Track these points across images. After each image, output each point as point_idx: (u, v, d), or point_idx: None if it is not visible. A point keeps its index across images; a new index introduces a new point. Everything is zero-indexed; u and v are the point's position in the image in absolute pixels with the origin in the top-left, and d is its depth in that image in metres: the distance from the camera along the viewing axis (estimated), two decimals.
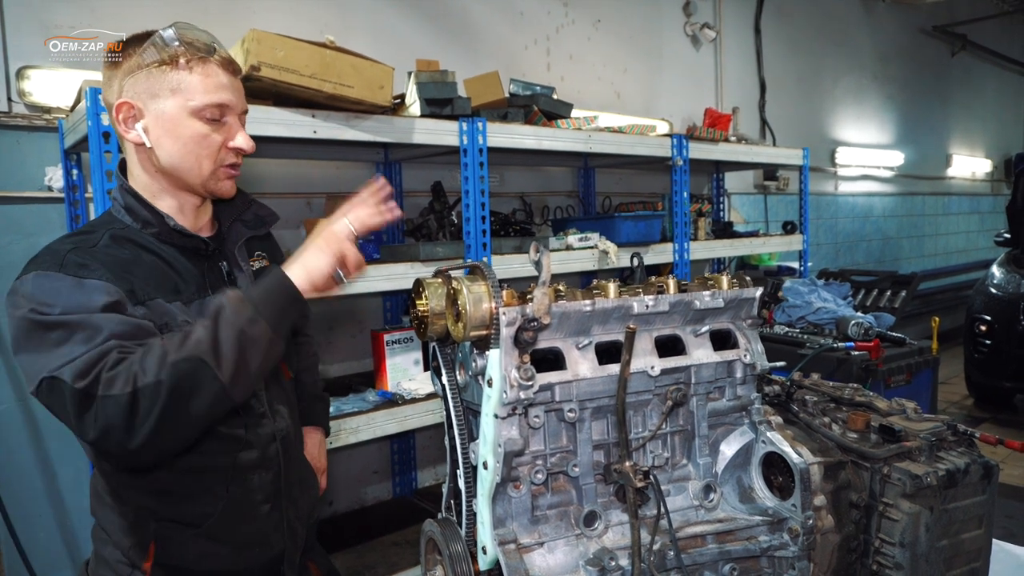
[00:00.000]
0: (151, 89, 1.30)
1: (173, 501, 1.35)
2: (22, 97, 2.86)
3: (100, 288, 1.19)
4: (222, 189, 1.41)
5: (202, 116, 1.32)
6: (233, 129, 1.38)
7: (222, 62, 1.35)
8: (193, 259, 1.39)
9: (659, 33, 5.55)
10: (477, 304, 1.06)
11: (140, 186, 1.37)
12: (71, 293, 1.17)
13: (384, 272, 2.99)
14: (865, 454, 1.30)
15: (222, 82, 1.34)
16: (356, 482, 4.02)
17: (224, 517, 1.38)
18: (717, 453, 1.31)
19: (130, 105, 1.31)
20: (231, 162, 1.40)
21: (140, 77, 1.30)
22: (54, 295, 1.16)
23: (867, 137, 7.98)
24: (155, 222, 1.35)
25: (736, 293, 1.27)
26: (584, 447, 1.18)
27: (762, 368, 1.31)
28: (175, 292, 1.32)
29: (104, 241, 1.30)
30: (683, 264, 4.25)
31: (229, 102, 1.35)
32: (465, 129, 3.15)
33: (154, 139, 1.32)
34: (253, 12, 3.46)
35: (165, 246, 1.35)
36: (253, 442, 1.41)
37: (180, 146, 1.32)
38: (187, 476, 1.36)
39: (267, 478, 1.44)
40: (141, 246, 1.33)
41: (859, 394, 1.55)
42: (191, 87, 1.31)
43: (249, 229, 1.51)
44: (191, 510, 1.36)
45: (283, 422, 1.50)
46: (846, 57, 7.59)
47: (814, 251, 6.74)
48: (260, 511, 1.43)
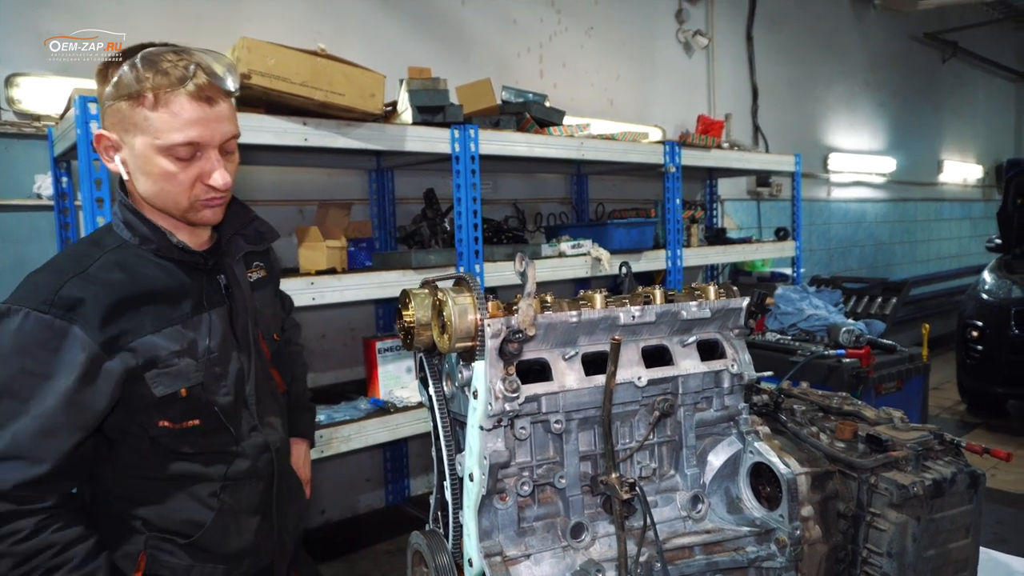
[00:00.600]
0: (123, 123, 1.27)
1: (163, 511, 1.35)
2: (11, 105, 2.85)
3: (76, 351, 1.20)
4: (203, 219, 1.37)
5: (170, 154, 1.27)
6: (208, 165, 1.31)
7: (196, 93, 1.25)
8: (191, 274, 1.38)
9: (652, 40, 5.58)
10: (462, 315, 1.06)
11: (138, 203, 1.37)
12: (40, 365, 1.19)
13: (376, 280, 2.99)
14: (852, 464, 1.30)
15: (192, 117, 1.25)
16: (348, 490, 4.00)
17: (214, 528, 1.38)
18: (705, 464, 1.31)
19: (106, 136, 1.29)
20: (208, 196, 1.34)
21: (112, 109, 1.26)
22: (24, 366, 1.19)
23: (859, 143, 8.02)
24: (154, 238, 1.34)
25: (723, 303, 1.27)
26: (571, 458, 1.18)
27: (750, 378, 1.31)
28: (170, 313, 1.32)
29: (102, 263, 1.29)
30: (676, 271, 4.26)
31: (200, 139, 1.27)
32: (457, 137, 3.16)
33: (131, 172, 1.31)
34: (247, 20, 3.46)
35: (163, 261, 1.35)
36: (244, 454, 1.41)
37: (151, 182, 1.29)
38: (178, 486, 1.36)
39: (258, 489, 1.45)
40: (139, 265, 1.32)
41: (847, 403, 1.55)
42: (157, 125, 1.24)
43: (248, 244, 1.50)
44: (182, 520, 1.36)
45: (275, 434, 1.50)
46: (838, 64, 7.64)
47: (807, 257, 6.77)
48: (251, 522, 1.44)
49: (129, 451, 1.34)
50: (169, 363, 1.29)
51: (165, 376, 1.29)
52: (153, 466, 1.34)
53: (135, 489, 1.35)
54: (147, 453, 1.34)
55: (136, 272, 1.31)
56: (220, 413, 1.37)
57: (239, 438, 1.41)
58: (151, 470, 1.34)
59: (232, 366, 1.40)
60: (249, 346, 1.44)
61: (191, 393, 1.33)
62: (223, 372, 1.38)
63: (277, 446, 1.49)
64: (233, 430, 1.40)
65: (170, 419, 1.32)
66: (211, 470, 1.37)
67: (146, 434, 1.32)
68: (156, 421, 1.31)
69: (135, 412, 1.30)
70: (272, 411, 1.51)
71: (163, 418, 1.31)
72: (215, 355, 1.37)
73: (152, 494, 1.35)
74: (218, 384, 1.37)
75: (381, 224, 3.93)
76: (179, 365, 1.31)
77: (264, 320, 1.53)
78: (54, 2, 2.92)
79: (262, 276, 1.57)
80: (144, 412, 1.30)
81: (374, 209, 3.93)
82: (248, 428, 1.43)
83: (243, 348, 1.43)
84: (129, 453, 1.34)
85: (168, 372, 1.29)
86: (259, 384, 1.47)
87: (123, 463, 1.34)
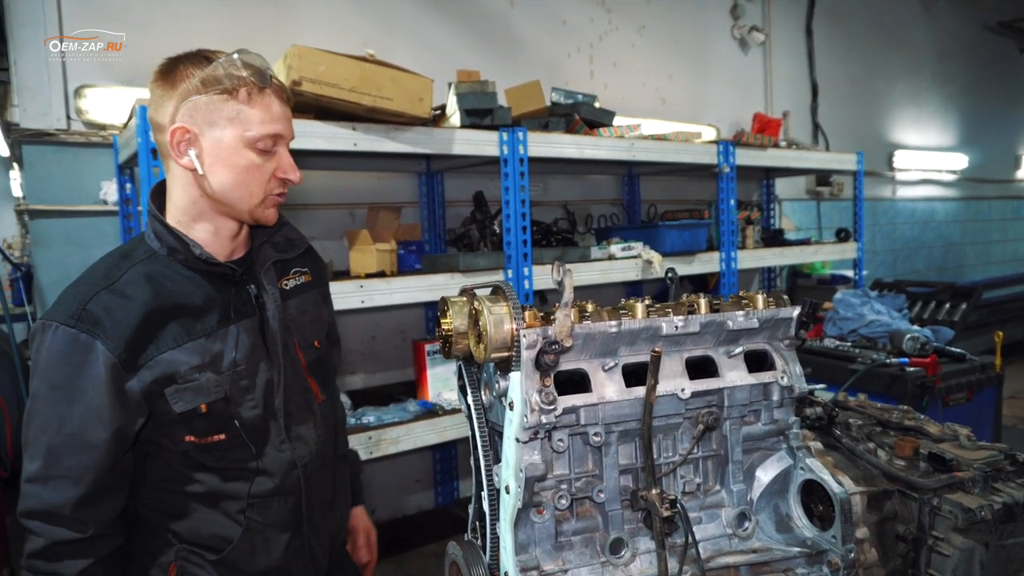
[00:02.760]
0: (209, 117, 1.29)
1: (193, 525, 1.36)
2: (79, 115, 2.98)
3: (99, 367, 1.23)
4: (267, 216, 1.41)
5: (256, 147, 1.32)
6: (283, 159, 1.37)
7: (278, 91, 1.35)
8: (219, 285, 1.38)
9: (705, 37, 5.45)
10: (498, 325, 1.04)
11: (179, 209, 1.37)
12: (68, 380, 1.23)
13: (424, 283, 3.00)
14: (913, 484, 1.23)
15: (276, 113, 1.34)
16: (398, 490, 4.04)
17: (242, 545, 1.38)
18: (752, 479, 1.25)
19: (185, 130, 1.29)
20: (279, 191, 1.40)
21: (199, 103, 1.28)
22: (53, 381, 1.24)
23: (927, 140, 7.67)
24: (181, 249, 1.34)
25: (772, 313, 1.22)
26: (610, 472, 1.15)
27: (800, 391, 1.25)
28: (194, 327, 1.32)
29: (130, 276, 1.30)
30: (730, 273, 4.15)
31: (283, 133, 1.36)
32: (505, 139, 3.15)
33: (207, 166, 1.31)
34: (301, 28, 3.54)
35: (191, 272, 1.35)
36: (269, 470, 1.39)
37: (233, 175, 1.32)
38: (206, 502, 1.36)
39: (287, 506, 1.43)
40: (166, 277, 1.33)
41: (908, 418, 1.47)
42: (249, 118, 1.30)
43: (277, 252, 1.49)
44: (210, 535, 1.37)
45: (304, 448, 1.46)
46: (903, 57, 7.32)
47: (870, 258, 6.51)
48: (279, 540, 1.42)
49: (161, 464, 1.35)
50: (189, 378, 1.30)
51: (185, 392, 1.29)
52: (183, 480, 1.35)
53: (166, 502, 1.36)
54: (177, 467, 1.34)
55: (162, 285, 1.31)
56: (241, 428, 1.36)
57: (260, 454, 1.38)
58: (181, 484, 1.35)
59: (260, 378, 1.39)
60: (279, 357, 1.42)
61: (212, 408, 1.32)
62: (250, 384, 1.37)
63: (305, 461, 1.45)
64: (253, 446, 1.37)
65: (195, 434, 1.32)
66: (236, 486, 1.37)
67: (175, 448, 1.33)
68: (182, 436, 1.31)
69: (163, 427, 1.31)
70: (304, 422, 1.48)
71: (189, 433, 1.32)
72: (242, 367, 1.36)
73: (182, 508, 1.36)
74: (244, 397, 1.36)
75: (431, 227, 3.96)
76: (199, 380, 1.30)
77: (302, 328, 1.50)
78: (117, 15, 3.04)
79: (304, 281, 1.55)
80: (170, 427, 1.31)
81: (424, 212, 3.96)
82: (278, 442, 1.41)
83: (273, 359, 1.42)
84: (161, 466, 1.35)
85: (188, 388, 1.29)
86: (291, 395, 1.45)
87: (155, 476, 1.36)
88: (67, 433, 1.23)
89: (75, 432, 1.23)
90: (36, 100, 2.92)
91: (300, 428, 1.46)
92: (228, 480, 1.36)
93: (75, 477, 1.24)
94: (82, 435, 1.24)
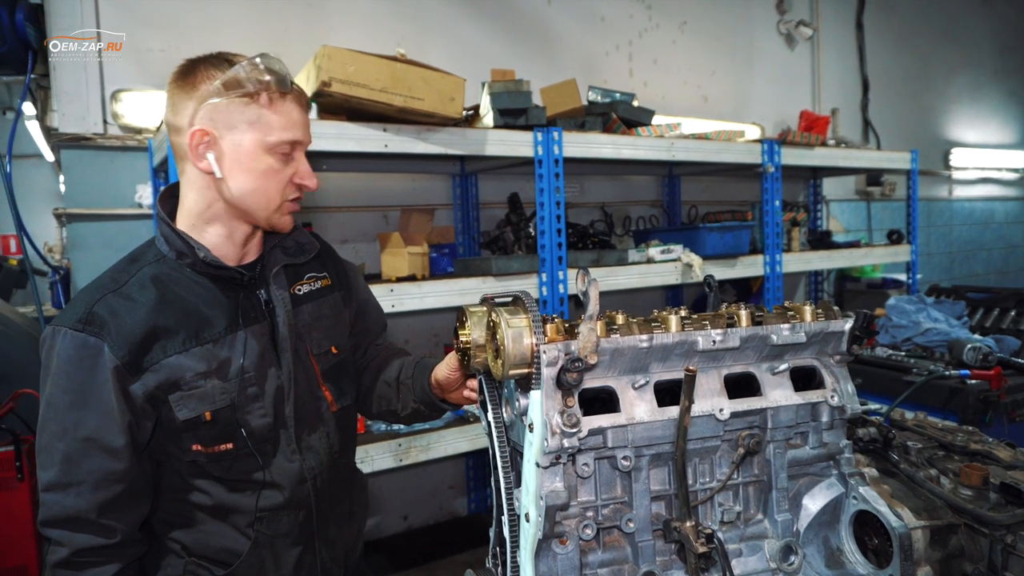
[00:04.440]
0: (229, 120, 1.27)
1: (201, 537, 1.33)
2: (115, 119, 3.00)
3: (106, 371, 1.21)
4: (283, 223, 1.39)
5: (275, 152, 1.30)
6: (301, 165, 1.36)
7: (298, 97, 1.34)
8: (228, 290, 1.35)
9: (750, 33, 5.28)
10: (517, 340, 0.96)
11: (192, 213, 1.33)
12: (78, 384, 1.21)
13: (456, 287, 2.94)
14: (982, 518, 1.10)
15: (296, 119, 1.32)
16: (431, 497, 3.99)
17: (251, 559, 1.34)
18: (799, 508, 1.14)
19: (205, 132, 1.27)
20: (294, 196, 1.38)
21: (219, 106, 1.26)
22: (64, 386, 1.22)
23: (986, 137, 7.30)
24: (188, 253, 1.31)
25: (821, 326, 1.11)
26: (641, 499, 1.05)
27: (852, 412, 1.13)
28: (201, 332, 1.29)
29: (137, 279, 1.28)
30: (774, 277, 3.99)
31: (302, 139, 1.34)
32: (540, 139, 3.07)
33: (226, 170, 1.29)
34: (334, 28, 3.51)
35: (200, 276, 1.32)
36: (278, 482, 1.35)
37: (251, 180, 1.30)
38: (214, 513, 1.33)
39: (297, 520, 1.39)
40: (173, 281, 1.30)
41: (974, 440, 1.33)
42: (270, 123, 1.29)
43: (287, 256, 1.45)
44: (219, 548, 1.34)
45: (315, 459, 1.42)
46: (960, 51, 6.98)
47: (924, 261, 6.22)
48: (290, 554, 1.38)
49: (170, 473, 1.32)
50: (194, 385, 1.27)
51: (189, 399, 1.27)
52: (191, 490, 1.32)
53: (175, 513, 1.33)
54: (185, 476, 1.31)
55: (169, 289, 1.29)
56: (248, 438, 1.32)
57: (268, 465, 1.35)
58: (189, 494, 1.32)
59: (270, 385, 1.35)
60: (289, 363, 1.38)
61: (218, 416, 1.29)
62: (259, 392, 1.34)
63: (316, 472, 1.41)
64: (261, 457, 1.34)
65: (202, 443, 1.29)
66: (244, 498, 1.34)
67: (183, 457, 1.30)
68: (190, 444, 1.28)
69: (170, 434, 1.28)
70: (315, 431, 1.43)
71: (196, 441, 1.29)
72: (250, 374, 1.32)
73: (190, 519, 1.33)
74: (252, 405, 1.33)
75: (465, 229, 3.90)
76: (204, 387, 1.28)
77: (315, 334, 1.46)
78: (152, 20, 3.06)
79: (321, 286, 1.50)
80: (177, 435, 1.28)
81: (457, 214, 3.90)
82: (288, 452, 1.37)
83: (283, 366, 1.38)
84: (170, 475, 1.32)
85: (192, 394, 1.27)
86: (301, 403, 1.40)
87: (165, 485, 1.33)
88: (83, 438, 1.21)
89: (91, 436, 1.21)
90: (74, 105, 2.95)
91: (311, 438, 1.42)
92: (236, 491, 1.33)
93: (95, 482, 1.22)
94: (99, 439, 1.22)
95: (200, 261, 1.31)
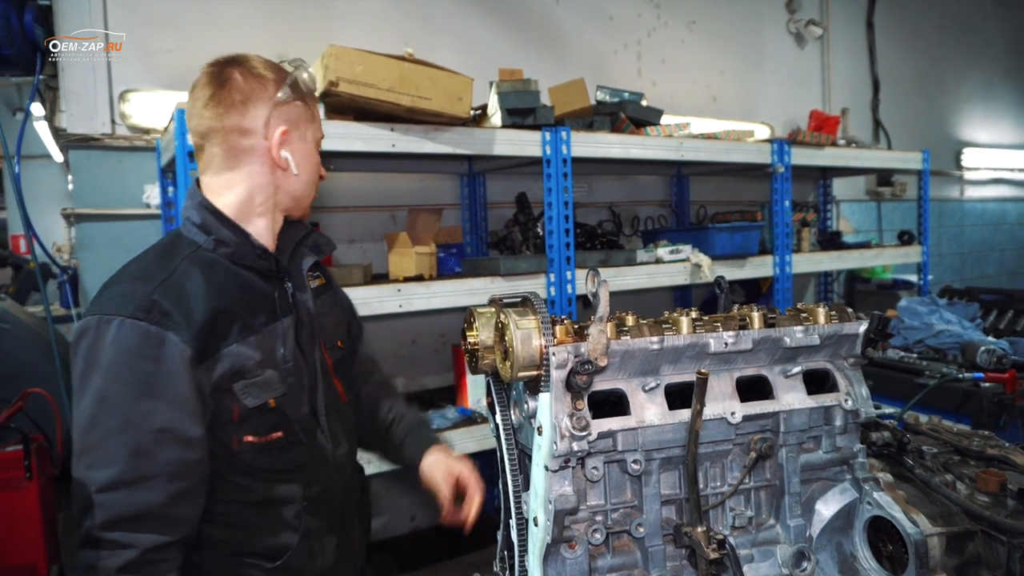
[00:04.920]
0: (298, 120, 1.40)
1: (251, 536, 1.32)
2: (124, 119, 3.00)
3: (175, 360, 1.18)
4: (307, 214, 1.52)
5: (318, 147, 1.48)
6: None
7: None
8: (265, 281, 1.37)
9: (759, 32, 5.24)
10: (525, 341, 0.94)
11: (239, 207, 1.36)
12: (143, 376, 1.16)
13: (464, 287, 2.92)
14: (1000, 525, 1.08)
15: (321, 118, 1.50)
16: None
17: (300, 551, 1.35)
18: (812, 513, 1.12)
19: (286, 132, 1.37)
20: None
21: (292, 108, 1.38)
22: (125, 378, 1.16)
23: (999, 137, 7.24)
24: (236, 240, 1.33)
25: (835, 329, 1.09)
26: (651, 503, 1.04)
27: (867, 415, 1.11)
28: (250, 321, 1.29)
29: (183, 269, 1.26)
30: (784, 278, 3.96)
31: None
32: (548, 139, 3.05)
33: (297, 165, 1.40)
34: (340, 29, 3.50)
35: (236, 267, 1.33)
36: (319, 469, 1.39)
37: (310, 172, 1.44)
38: (264, 510, 1.33)
39: (334, 506, 1.44)
40: (216, 271, 1.30)
41: (991, 444, 1.31)
42: (316, 122, 1.46)
43: (312, 254, 1.49)
44: (269, 544, 1.33)
45: (342, 449, 1.47)
46: (972, 50, 6.92)
47: (935, 262, 6.16)
48: (330, 541, 1.42)
49: (212, 473, 1.28)
50: (255, 373, 1.27)
51: (253, 387, 1.27)
52: (236, 489, 1.30)
53: (218, 512, 1.29)
54: (230, 474, 1.29)
55: (216, 279, 1.28)
56: (295, 424, 1.34)
57: (312, 454, 1.37)
58: (234, 493, 1.30)
59: (305, 375, 1.38)
60: (314, 356, 1.41)
61: (278, 404, 1.31)
62: (299, 382, 1.36)
63: (343, 460, 1.47)
64: (308, 444, 1.37)
65: (256, 433, 1.29)
66: (291, 488, 1.34)
67: (227, 452, 1.28)
68: (242, 436, 1.28)
69: (220, 428, 1.26)
70: (338, 425, 1.47)
71: (249, 432, 1.28)
72: (290, 364, 1.34)
73: (239, 518, 1.31)
74: (297, 394, 1.35)
75: (473, 229, 3.88)
76: (264, 375, 1.28)
77: (326, 329, 1.50)
78: (160, 20, 3.06)
79: (320, 284, 1.56)
80: (228, 428, 1.27)
81: (465, 214, 3.89)
82: (323, 440, 1.41)
83: (308, 357, 1.40)
84: (212, 475, 1.28)
85: (255, 383, 1.27)
86: (325, 395, 1.43)
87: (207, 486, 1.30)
88: (156, 429, 1.16)
89: (165, 427, 1.17)
90: (82, 105, 2.95)
91: (335, 427, 1.46)
92: (283, 483, 1.33)
93: (170, 474, 1.17)
94: (174, 430, 1.18)
95: (249, 249, 1.34)
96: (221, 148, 1.34)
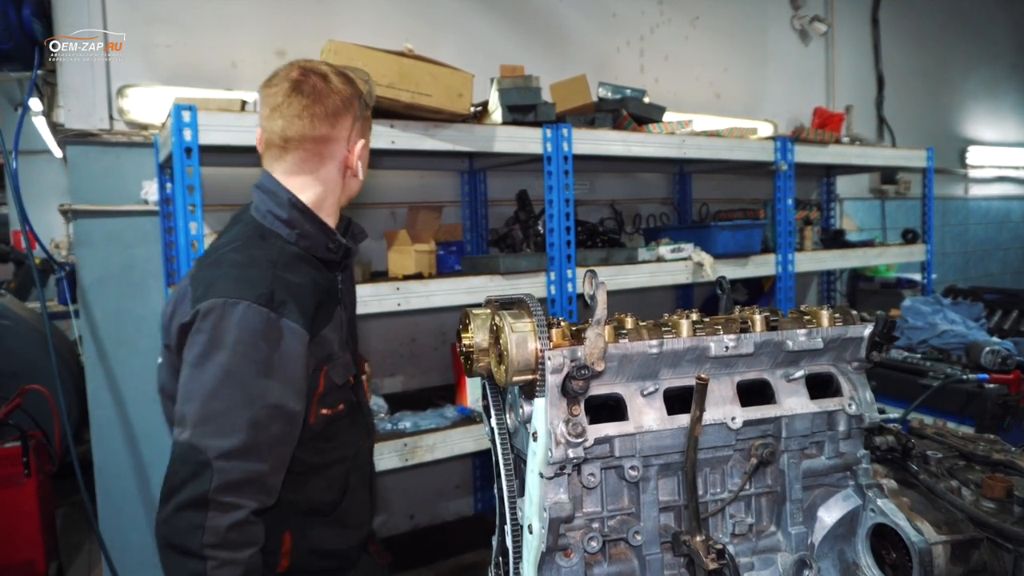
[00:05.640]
0: (363, 128, 1.53)
1: (313, 493, 1.45)
2: (122, 115, 2.98)
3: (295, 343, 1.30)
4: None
5: None
6: None
7: None
8: (329, 270, 1.51)
9: (763, 28, 5.20)
10: (520, 345, 0.92)
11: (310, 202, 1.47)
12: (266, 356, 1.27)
13: (463, 285, 2.90)
14: (1006, 532, 1.05)
15: None
16: (438, 496, 3.96)
17: (347, 502, 1.52)
18: (814, 520, 1.10)
19: (365, 144, 1.53)
20: None
21: (366, 119, 1.55)
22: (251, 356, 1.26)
23: (1004, 135, 7.19)
24: (322, 235, 1.46)
25: (839, 332, 1.06)
26: (649, 510, 1.01)
27: (871, 421, 1.09)
28: (330, 309, 1.44)
29: (285, 260, 1.38)
30: (787, 277, 3.93)
31: None
32: (549, 136, 3.02)
33: (361, 171, 1.55)
34: (341, 24, 3.48)
35: (309, 258, 1.45)
36: (362, 437, 1.59)
37: (365, 175, 1.58)
38: (328, 470, 1.47)
39: (368, 466, 1.65)
40: (301, 263, 1.42)
41: (997, 449, 1.28)
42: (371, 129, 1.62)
43: (353, 243, 1.61)
44: (325, 500, 1.48)
45: (370, 417, 1.69)
46: (978, 47, 6.87)
47: (939, 261, 6.13)
48: (363, 494, 1.60)
49: None
50: (338, 356, 1.44)
51: (338, 366, 1.43)
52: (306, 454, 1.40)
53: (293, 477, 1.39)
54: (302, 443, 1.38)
55: (303, 269, 1.41)
56: (352, 396, 1.52)
57: (356, 420, 1.55)
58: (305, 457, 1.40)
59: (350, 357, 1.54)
60: (352, 340, 1.62)
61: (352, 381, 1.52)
62: (348, 361, 1.52)
63: (372, 428, 1.69)
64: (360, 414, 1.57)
65: (329, 406, 1.43)
66: (344, 451, 1.50)
67: (304, 425, 1.38)
68: (319, 410, 1.41)
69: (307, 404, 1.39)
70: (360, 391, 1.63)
71: (324, 406, 1.42)
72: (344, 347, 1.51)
73: (297, 481, 1.41)
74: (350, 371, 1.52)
75: (473, 227, 3.86)
76: (345, 356, 1.47)
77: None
78: (161, 16, 3.03)
79: None
80: (310, 403, 1.39)
81: (466, 211, 3.86)
82: (363, 411, 1.61)
83: (348, 340, 1.57)
84: None
85: (339, 363, 1.44)
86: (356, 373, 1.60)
87: None
88: (272, 405, 1.27)
89: (278, 404, 1.28)
90: (80, 101, 2.92)
91: (361, 396, 1.62)
92: (338, 448, 1.48)
93: (274, 445, 1.28)
94: (284, 406, 1.29)
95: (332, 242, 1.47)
96: (306, 153, 1.45)
